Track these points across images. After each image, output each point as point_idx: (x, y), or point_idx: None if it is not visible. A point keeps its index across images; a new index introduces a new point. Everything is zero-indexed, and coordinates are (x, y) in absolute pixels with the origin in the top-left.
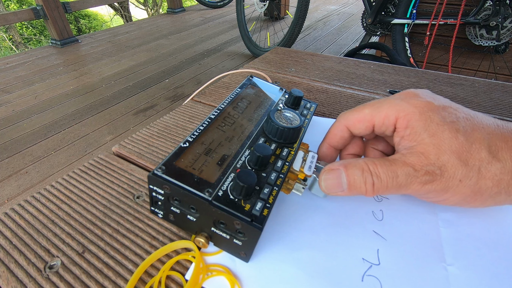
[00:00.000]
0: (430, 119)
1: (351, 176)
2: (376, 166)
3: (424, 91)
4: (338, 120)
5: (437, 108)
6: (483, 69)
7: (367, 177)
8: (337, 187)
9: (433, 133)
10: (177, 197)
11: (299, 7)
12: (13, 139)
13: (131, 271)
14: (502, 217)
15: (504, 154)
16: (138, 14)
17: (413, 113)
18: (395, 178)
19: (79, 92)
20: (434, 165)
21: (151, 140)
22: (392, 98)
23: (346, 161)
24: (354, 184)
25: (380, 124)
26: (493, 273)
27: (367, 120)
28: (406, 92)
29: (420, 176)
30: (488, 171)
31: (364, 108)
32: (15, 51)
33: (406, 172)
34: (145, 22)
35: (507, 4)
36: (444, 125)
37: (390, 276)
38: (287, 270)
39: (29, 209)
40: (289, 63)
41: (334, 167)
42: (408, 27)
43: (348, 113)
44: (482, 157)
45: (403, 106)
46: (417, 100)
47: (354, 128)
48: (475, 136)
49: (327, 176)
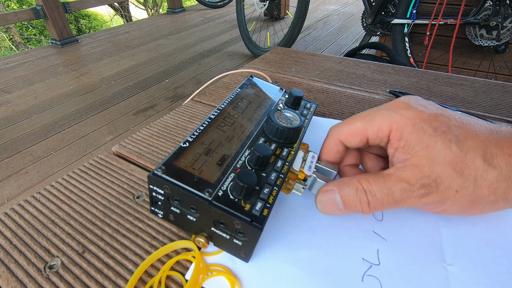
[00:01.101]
0: (422, 130)
1: (345, 196)
2: (370, 184)
3: (414, 99)
4: (329, 135)
5: (429, 117)
6: (483, 69)
7: (361, 196)
8: (333, 208)
9: (426, 145)
10: (177, 197)
11: (299, 7)
12: (13, 139)
13: (131, 271)
14: (502, 217)
15: (499, 161)
16: (138, 14)
17: (406, 125)
18: (390, 195)
19: (79, 92)
20: (429, 178)
21: (151, 140)
22: (383, 109)
23: (340, 181)
24: (349, 204)
25: (374, 137)
26: (493, 273)
27: (359, 133)
28: (397, 102)
29: (416, 190)
30: (484, 180)
31: (355, 121)
32: (15, 51)
33: (401, 188)
34: (145, 22)
35: (507, 4)
36: (436, 136)
37: (390, 276)
38: (287, 270)
39: (29, 209)
40: (289, 63)
41: (328, 188)
42: (408, 27)
43: (339, 126)
44: (477, 166)
45: (396, 118)
46: (409, 111)
47: (347, 142)
48: (468, 144)
49: (322, 198)
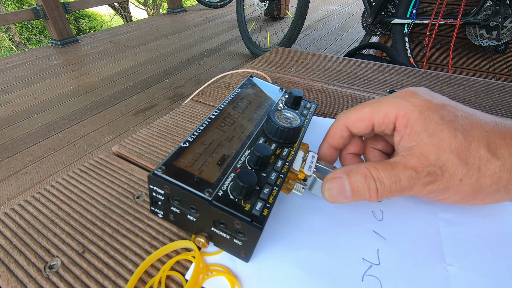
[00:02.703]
0: (429, 118)
1: (354, 183)
2: (378, 171)
3: (422, 89)
4: (337, 119)
5: (436, 106)
6: (483, 69)
7: (370, 183)
8: (341, 195)
9: (432, 132)
10: (177, 197)
11: (299, 7)
12: (13, 139)
13: (131, 271)
14: (502, 217)
15: (503, 152)
16: (138, 14)
17: (412, 112)
18: (398, 182)
19: (79, 92)
20: (434, 166)
21: (151, 140)
22: (391, 97)
23: (348, 168)
24: (358, 191)
25: (380, 123)
26: (493, 273)
27: (366, 119)
28: (405, 90)
29: (422, 178)
30: (488, 169)
31: (364, 107)
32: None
33: (408, 175)
34: (145, 22)
35: (507, 4)
36: (443, 124)
37: (390, 276)
38: (287, 270)
39: (29, 209)
40: (289, 63)
41: (336, 175)
42: (408, 27)
43: (348, 112)
44: (482, 155)
45: (403, 105)
46: (416, 99)
47: (353, 127)
48: (473, 134)
49: (331, 185)
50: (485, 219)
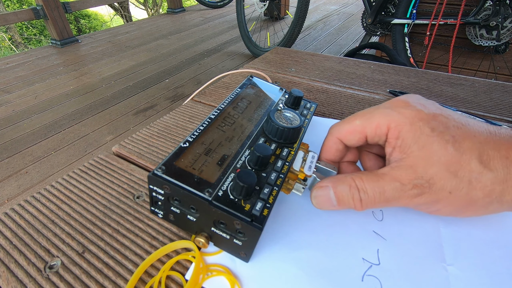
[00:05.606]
0: (420, 130)
1: (339, 192)
2: (363, 181)
3: (414, 98)
4: (329, 133)
5: (427, 117)
6: (483, 69)
7: (354, 193)
8: (328, 203)
9: (423, 145)
10: (177, 197)
11: (299, 7)
12: (13, 139)
13: (131, 271)
14: (502, 217)
15: (496, 164)
16: (138, 14)
17: (404, 124)
18: (382, 194)
19: (79, 92)
20: (422, 179)
21: (151, 140)
22: (382, 108)
23: (336, 178)
24: (343, 200)
25: (372, 135)
26: (493, 273)
27: (358, 132)
28: (397, 100)
29: (408, 190)
30: (479, 182)
31: (355, 118)
32: (15, 51)
33: (393, 187)
34: (145, 22)
35: (507, 4)
36: (433, 136)
37: (390, 276)
38: (287, 270)
39: (29, 209)
40: (289, 63)
41: (323, 184)
42: (408, 27)
43: (339, 125)
44: (472, 168)
45: (394, 117)
46: (407, 110)
47: (346, 140)
48: (465, 145)
49: (317, 193)
50: (485, 218)
